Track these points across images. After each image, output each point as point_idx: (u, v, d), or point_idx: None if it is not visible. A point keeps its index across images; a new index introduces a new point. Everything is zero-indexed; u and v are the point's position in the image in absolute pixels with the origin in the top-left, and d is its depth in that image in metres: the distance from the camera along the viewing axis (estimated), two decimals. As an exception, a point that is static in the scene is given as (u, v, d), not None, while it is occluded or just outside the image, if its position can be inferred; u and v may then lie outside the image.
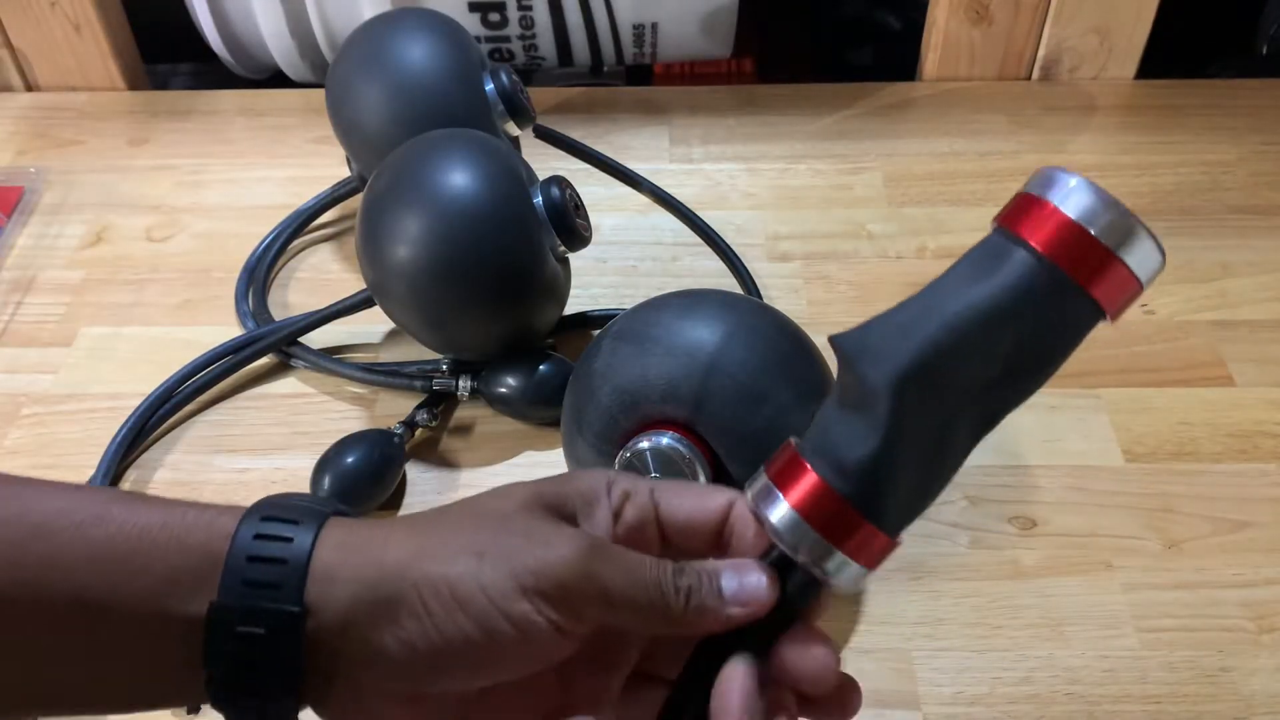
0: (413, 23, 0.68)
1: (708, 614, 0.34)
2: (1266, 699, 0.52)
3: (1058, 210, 0.32)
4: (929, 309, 0.33)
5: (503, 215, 0.59)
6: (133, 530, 0.33)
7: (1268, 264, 0.73)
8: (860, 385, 0.33)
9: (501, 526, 0.34)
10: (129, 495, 0.34)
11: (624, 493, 0.36)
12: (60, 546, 0.32)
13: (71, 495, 0.34)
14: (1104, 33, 0.85)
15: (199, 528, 0.33)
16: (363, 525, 0.35)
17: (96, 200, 0.81)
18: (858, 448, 0.33)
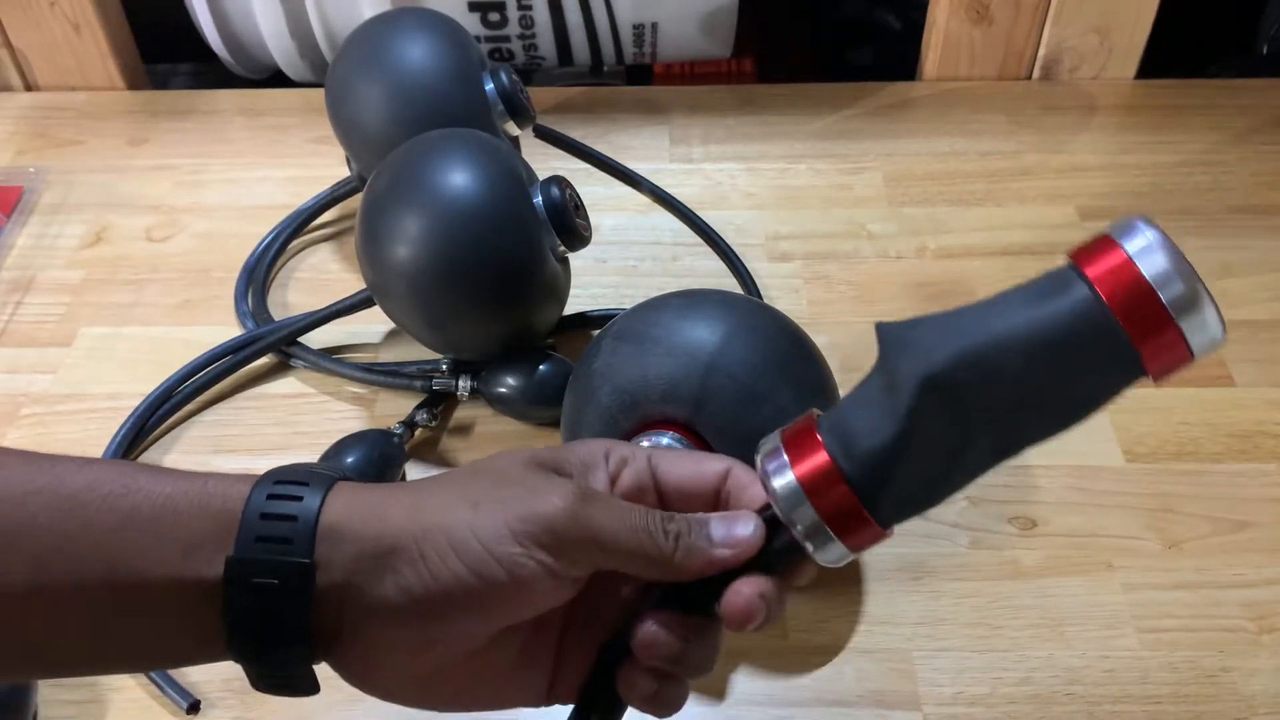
0: (413, 23, 0.68)
1: (696, 555, 0.35)
2: (1267, 699, 0.52)
3: (1130, 262, 0.31)
4: (977, 320, 0.33)
5: (503, 215, 0.59)
6: (156, 499, 0.34)
7: (1268, 264, 0.73)
8: (890, 375, 0.34)
9: (498, 479, 0.36)
10: (152, 468, 0.36)
11: (621, 458, 0.38)
12: (91, 516, 0.34)
13: (99, 468, 0.35)
14: (1104, 33, 0.85)
15: (217, 494, 0.35)
16: (367, 487, 0.36)
17: (96, 200, 0.81)
18: (871, 435, 0.34)
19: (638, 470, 0.38)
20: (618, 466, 0.38)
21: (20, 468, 0.35)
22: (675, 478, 0.38)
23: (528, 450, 0.37)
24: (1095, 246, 0.32)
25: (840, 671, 0.54)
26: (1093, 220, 0.77)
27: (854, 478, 0.34)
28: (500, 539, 0.34)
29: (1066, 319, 0.32)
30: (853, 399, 0.35)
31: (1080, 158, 0.82)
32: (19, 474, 0.35)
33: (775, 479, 0.35)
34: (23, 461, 0.35)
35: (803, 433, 0.36)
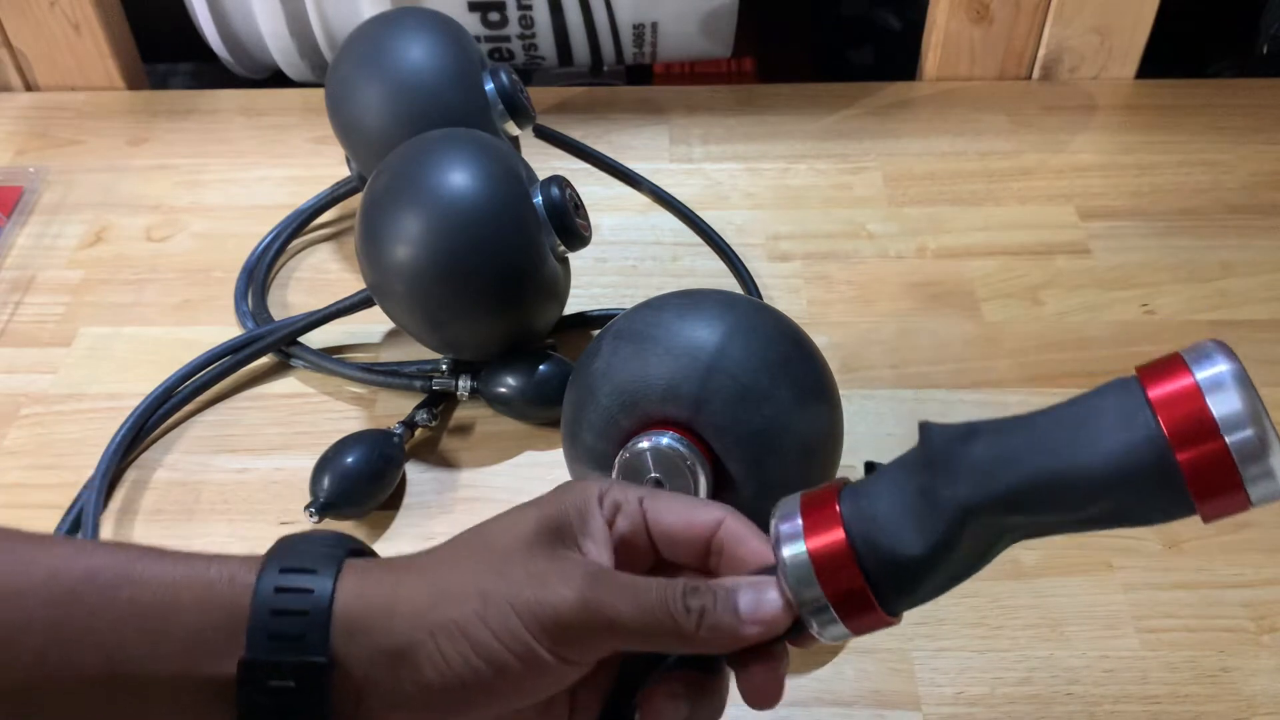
0: (412, 23, 0.68)
1: (723, 632, 0.34)
2: (1267, 699, 0.52)
3: (1205, 407, 0.30)
4: (1030, 446, 0.32)
5: (503, 215, 0.59)
6: (157, 589, 0.34)
7: (1268, 264, 0.73)
8: (932, 490, 0.33)
9: (504, 564, 0.35)
10: (150, 551, 0.35)
11: (614, 504, 0.37)
12: (91, 610, 0.33)
13: (96, 555, 0.35)
14: (1104, 33, 0.85)
15: (221, 583, 0.34)
16: (376, 570, 0.36)
17: (96, 200, 0.81)
18: (900, 544, 0.33)
19: (630, 516, 0.37)
20: (611, 512, 0.37)
21: (12, 557, 0.34)
22: (667, 524, 0.37)
23: (528, 513, 0.36)
24: (1166, 369, 0.31)
25: (840, 671, 0.54)
26: (1092, 220, 0.77)
27: (873, 574, 0.33)
28: (513, 633, 0.33)
29: (1128, 465, 0.30)
30: (886, 487, 0.34)
31: (1080, 158, 0.82)
32: (12, 564, 0.34)
33: (787, 549, 0.34)
34: (14, 550, 0.34)
35: (824, 506, 0.34)
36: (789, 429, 0.51)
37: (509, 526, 0.36)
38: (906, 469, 0.34)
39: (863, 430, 0.64)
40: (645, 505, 0.37)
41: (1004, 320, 0.70)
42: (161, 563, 0.34)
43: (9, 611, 0.33)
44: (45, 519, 0.60)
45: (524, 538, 0.36)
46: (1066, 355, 0.68)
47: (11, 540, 0.35)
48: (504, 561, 0.35)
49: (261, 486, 0.62)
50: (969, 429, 0.33)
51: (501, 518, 0.37)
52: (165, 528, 0.60)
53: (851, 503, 0.34)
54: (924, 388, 0.66)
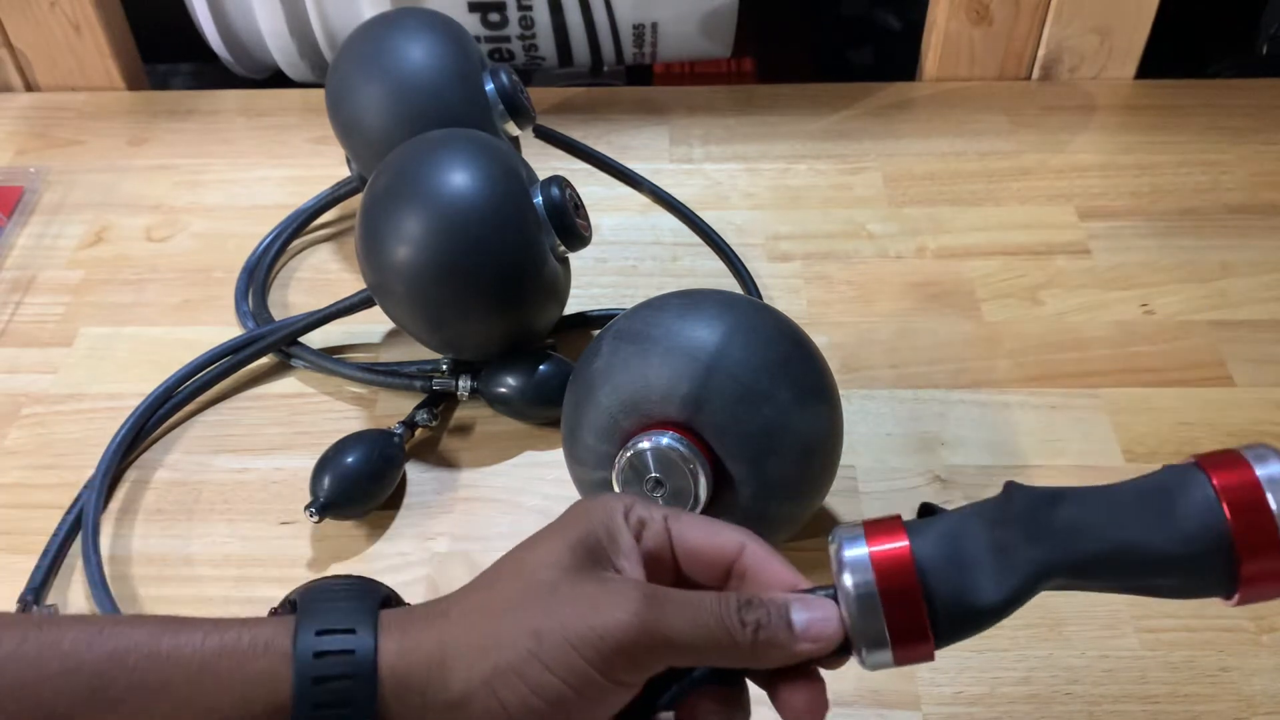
0: (413, 23, 0.68)
1: (777, 648, 0.34)
2: (1267, 699, 0.52)
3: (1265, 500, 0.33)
4: (1112, 523, 0.34)
5: (503, 215, 0.59)
6: (190, 664, 0.33)
7: (1268, 264, 0.73)
8: (1011, 547, 0.34)
9: (550, 598, 0.34)
10: (172, 624, 0.34)
11: (640, 521, 0.37)
12: (119, 696, 0.32)
13: (119, 634, 0.33)
14: (1104, 33, 0.85)
15: (256, 653, 0.33)
16: (415, 622, 0.35)
17: (96, 200, 0.81)
18: (975, 593, 0.34)
19: (656, 534, 0.37)
20: (637, 529, 0.37)
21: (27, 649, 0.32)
22: (691, 544, 0.37)
23: (561, 537, 0.36)
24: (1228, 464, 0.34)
25: (840, 671, 0.53)
26: (1092, 220, 0.77)
27: (940, 614, 0.34)
28: (571, 667, 0.33)
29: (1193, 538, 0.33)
30: (960, 533, 0.35)
31: (1080, 158, 0.82)
32: (28, 656, 0.32)
33: (851, 574, 0.35)
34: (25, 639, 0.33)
35: (890, 537, 0.35)
36: (789, 429, 0.51)
37: (544, 556, 0.36)
38: (983, 520, 0.35)
39: (863, 430, 0.64)
40: (670, 524, 0.37)
41: (1004, 320, 0.70)
42: (190, 634, 0.33)
43: (30, 708, 0.32)
44: (45, 519, 0.60)
45: (563, 565, 0.35)
46: (1066, 355, 0.68)
47: (21, 627, 0.33)
48: (550, 594, 0.34)
49: (262, 486, 0.62)
50: (1054, 494, 0.35)
51: (533, 547, 0.36)
52: (165, 528, 0.60)
53: (921, 541, 0.35)
54: (924, 387, 0.66)
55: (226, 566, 0.59)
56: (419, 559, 0.59)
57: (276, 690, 0.33)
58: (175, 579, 0.58)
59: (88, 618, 0.34)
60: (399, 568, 0.58)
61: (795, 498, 0.53)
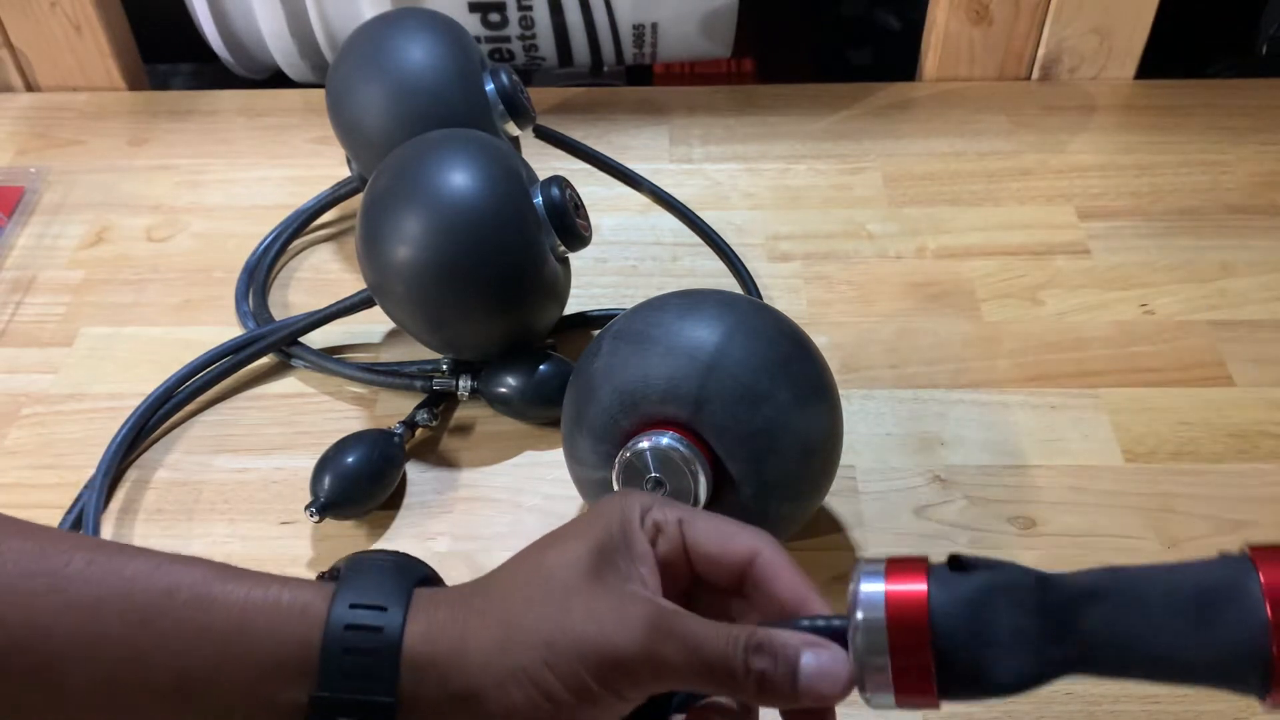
0: (413, 23, 0.68)
1: (779, 697, 0.35)
2: (1266, 699, 0.52)
3: None
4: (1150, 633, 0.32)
5: (503, 215, 0.59)
6: (233, 613, 0.35)
7: (1268, 264, 0.73)
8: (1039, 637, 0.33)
9: (565, 604, 0.36)
10: (226, 571, 0.36)
11: (655, 525, 0.38)
12: (165, 629, 0.34)
13: (174, 571, 0.35)
14: (1104, 33, 0.85)
15: (294, 613, 0.35)
16: (444, 606, 0.36)
17: (97, 200, 0.81)
18: (990, 669, 0.33)
19: (670, 539, 0.38)
20: (652, 533, 0.38)
21: (93, 571, 0.35)
22: (704, 550, 0.38)
23: (583, 539, 0.37)
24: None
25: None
26: (1092, 220, 0.77)
27: (945, 669, 0.33)
28: (578, 679, 0.34)
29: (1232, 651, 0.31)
30: (985, 602, 0.34)
31: (1080, 158, 0.82)
32: (93, 578, 0.35)
33: (864, 611, 0.34)
34: (92, 562, 0.35)
35: (910, 579, 0.34)
36: (789, 429, 0.51)
37: (564, 558, 0.37)
38: (1012, 599, 0.34)
39: (863, 430, 0.64)
40: (684, 528, 0.38)
41: (1003, 320, 0.70)
42: (238, 584, 0.35)
43: (84, 629, 0.34)
44: (46, 519, 0.60)
45: (580, 570, 0.36)
46: (1066, 355, 0.68)
47: (90, 550, 0.35)
48: (565, 599, 0.36)
49: (262, 486, 0.62)
50: (1089, 592, 0.34)
51: (554, 547, 0.37)
52: (166, 527, 0.60)
53: (941, 593, 0.34)
54: (924, 387, 0.66)
55: (227, 566, 0.59)
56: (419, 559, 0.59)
57: (307, 653, 0.35)
58: (175, 579, 0.58)
59: (149, 551, 0.36)
60: (399, 567, 0.58)
61: (795, 498, 0.53)
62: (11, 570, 0.34)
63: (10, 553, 0.35)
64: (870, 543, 0.58)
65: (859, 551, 0.58)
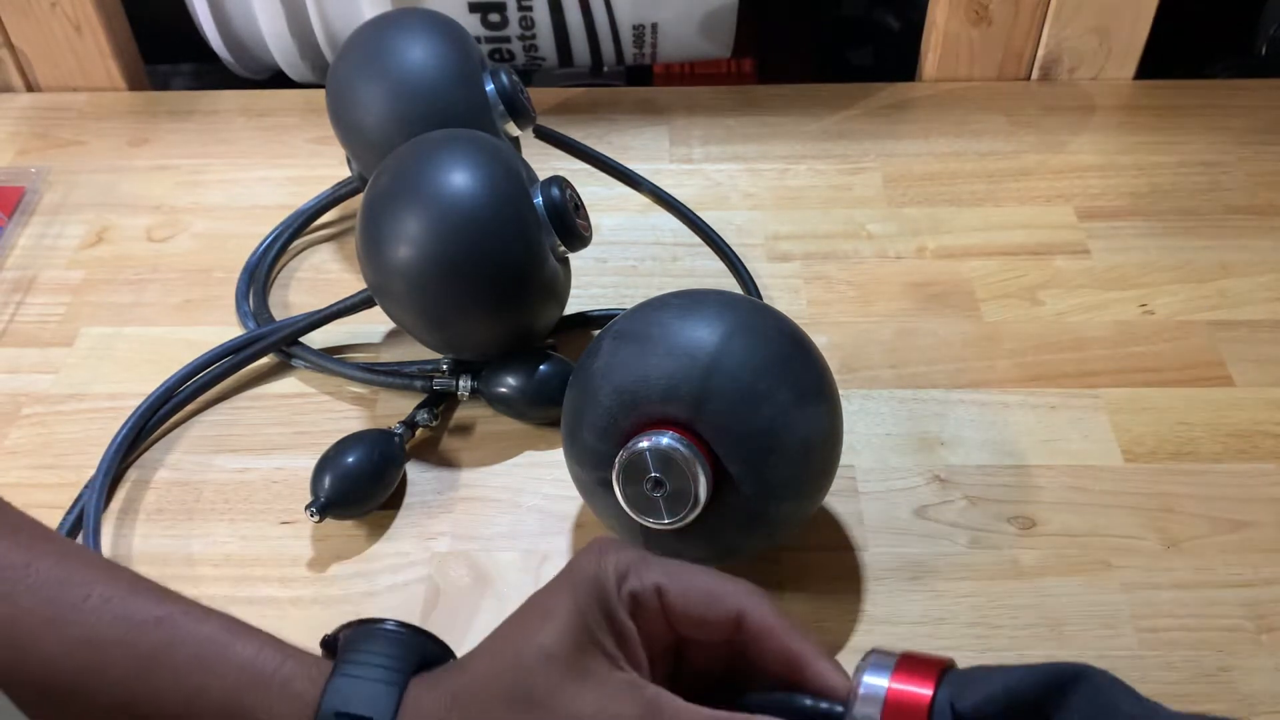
0: (413, 23, 0.68)
1: None
2: (1267, 699, 0.52)
3: None
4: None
5: (503, 215, 0.59)
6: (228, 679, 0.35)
7: (1268, 264, 0.73)
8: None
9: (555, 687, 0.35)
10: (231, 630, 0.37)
11: (632, 597, 0.37)
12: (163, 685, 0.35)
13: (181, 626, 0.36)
14: (1104, 33, 0.85)
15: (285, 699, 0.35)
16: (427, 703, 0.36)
17: (97, 200, 0.81)
18: None
19: (650, 611, 0.37)
20: (631, 605, 0.37)
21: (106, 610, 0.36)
22: (686, 616, 0.37)
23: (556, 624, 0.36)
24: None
25: (840, 671, 0.54)
26: (1091, 220, 0.77)
27: None
28: None
29: None
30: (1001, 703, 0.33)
31: (1079, 158, 0.82)
32: (105, 618, 0.35)
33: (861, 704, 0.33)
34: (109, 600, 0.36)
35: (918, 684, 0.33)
36: (789, 429, 0.51)
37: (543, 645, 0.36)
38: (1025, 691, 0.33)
39: (863, 430, 0.64)
40: (663, 598, 0.37)
41: (1003, 320, 0.70)
42: (242, 647, 0.36)
43: (90, 662, 0.34)
44: (46, 519, 0.59)
45: (562, 663, 0.35)
46: (1065, 355, 0.68)
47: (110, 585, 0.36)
48: (549, 702, 0.35)
49: (262, 486, 0.62)
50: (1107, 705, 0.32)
51: (534, 629, 0.37)
52: (166, 527, 0.60)
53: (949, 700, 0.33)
54: (923, 387, 0.66)
55: (227, 566, 0.59)
56: (419, 559, 0.59)
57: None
58: (176, 579, 0.57)
59: (166, 596, 0.37)
60: (399, 568, 0.58)
61: (795, 498, 0.53)
62: (34, 598, 0.35)
63: (37, 577, 0.36)
64: (870, 543, 0.58)
65: (859, 551, 0.58)
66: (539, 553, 0.59)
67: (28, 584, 0.35)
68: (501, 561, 0.58)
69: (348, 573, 0.58)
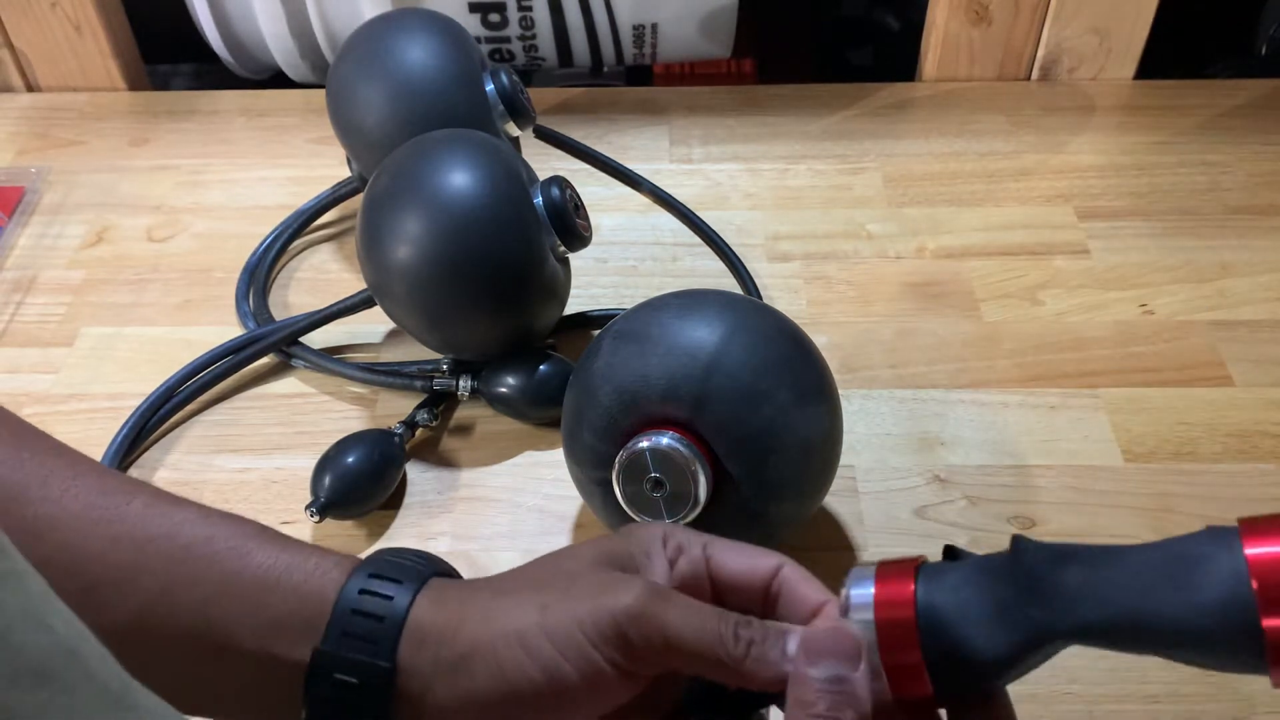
0: (413, 23, 0.69)
1: (768, 665, 0.35)
2: (1266, 699, 0.52)
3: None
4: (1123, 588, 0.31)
5: (503, 215, 0.59)
6: (261, 568, 0.37)
7: (1267, 264, 0.73)
8: (1014, 605, 0.33)
9: (568, 582, 0.37)
10: (264, 532, 0.38)
11: (677, 546, 0.38)
12: (199, 573, 0.37)
13: (218, 523, 0.38)
14: (1103, 33, 0.85)
15: (316, 576, 0.37)
16: (453, 587, 0.38)
17: (97, 200, 0.81)
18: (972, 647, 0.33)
19: (693, 559, 0.38)
20: (674, 554, 0.38)
21: (149, 512, 0.37)
22: (729, 571, 0.38)
23: (593, 545, 0.38)
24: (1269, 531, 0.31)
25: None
26: (1091, 220, 0.77)
27: (933, 659, 0.33)
28: (571, 640, 0.35)
29: (1212, 613, 0.30)
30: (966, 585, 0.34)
31: (1079, 158, 0.82)
32: (148, 517, 0.37)
33: (855, 613, 0.35)
34: (150, 504, 0.38)
35: (898, 580, 0.35)
36: (789, 429, 0.51)
37: (575, 553, 0.38)
38: (991, 574, 0.34)
39: (862, 430, 0.64)
40: (708, 551, 0.38)
41: (1003, 320, 0.70)
42: (272, 545, 0.37)
43: (133, 555, 0.36)
44: (47, 519, 0.60)
45: (589, 560, 0.37)
46: (1065, 355, 0.68)
47: (151, 495, 0.38)
48: (569, 579, 0.37)
49: (262, 486, 0.62)
50: (1062, 552, 0.33)
51: (568, 547, 0.40)
52: (166, 527, 0.60)
53: (927, 586, 0.34)
54: (923, 387, 0.66)
55: (227, 566, 0.59)
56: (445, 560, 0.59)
57: (319, 612, 0.36)
58: (176, 579, 0.58)
59: (203, 506, 0.39)
60: (399, 567, 0.58)
61: (795, 498, 0.53)
62: (81, 500, 0.37)
63: (83, 486, 0.37)
64: (870, 543, 0.58)
65: (859, 552, 0.58)
66: (539, 553, 0.58)
67: (74, 492, 0.37)
68: (501, 561, 0.58)
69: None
